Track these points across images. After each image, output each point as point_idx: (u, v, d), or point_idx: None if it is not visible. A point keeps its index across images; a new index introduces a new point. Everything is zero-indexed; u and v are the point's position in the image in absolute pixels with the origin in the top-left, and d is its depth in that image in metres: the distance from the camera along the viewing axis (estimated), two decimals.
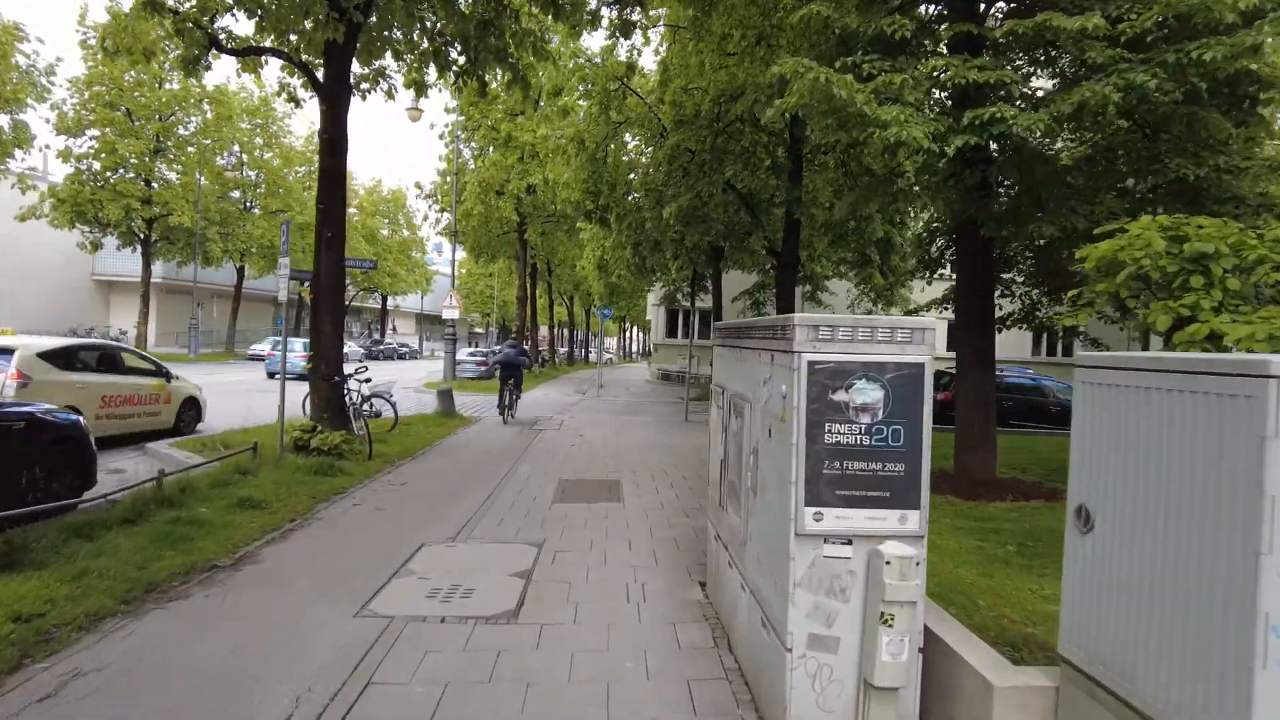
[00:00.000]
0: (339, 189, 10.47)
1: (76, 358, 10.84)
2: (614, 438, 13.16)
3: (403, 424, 13.78)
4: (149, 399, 11.72)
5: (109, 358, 11.54)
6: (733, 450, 4.16)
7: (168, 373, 12.34)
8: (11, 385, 9.60)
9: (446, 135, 28.34)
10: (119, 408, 11.18)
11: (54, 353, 10.42)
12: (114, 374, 11.27)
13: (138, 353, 12.64)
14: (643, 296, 31.69)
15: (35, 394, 9.45)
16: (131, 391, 11.42)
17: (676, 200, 13.90)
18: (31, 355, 10.06)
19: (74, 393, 10.19)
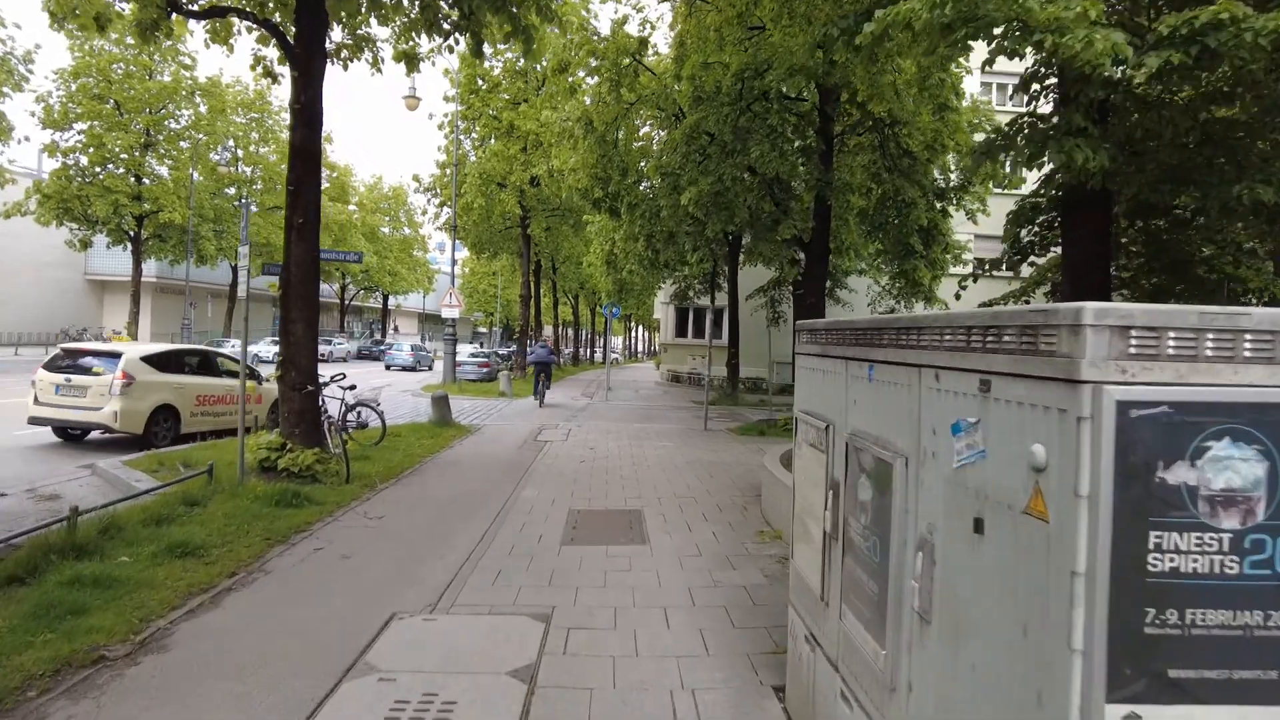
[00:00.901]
0: (312, 168, 9.01)
1: (175, 361, 12.00)
2: (629, 450, 11.68)
3: (392, 435, 12.35)
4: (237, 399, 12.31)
5: (205, 361, 12.64)
6: (857, 528, 2.65)
7: (259, 375, 13.05)
8: (118, 385, 10.77)
9: (446, 126, 26.89)
10: (213, 406, 12.20)
11: (154, 356, 11.68)
12: (209, 376, 12.38)
13: (232, 357, 13.63)
14: (651, 294, 30.26)
15: (138, 393, 10.94)
16: (225, 392, 12.34)
17: (696, 184, 12.42)
18: (135, 358, 11.27)
19: (172, 392, 11.53)
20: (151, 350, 11.94)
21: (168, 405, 11.43)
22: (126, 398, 10.87)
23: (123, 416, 10.91)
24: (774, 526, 6.82)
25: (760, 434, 14.09)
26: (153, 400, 11.15)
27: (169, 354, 12.10)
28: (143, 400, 11.05)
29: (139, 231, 35.33)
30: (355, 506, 7.52)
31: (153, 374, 11.27)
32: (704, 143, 13.40)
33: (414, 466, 10.01)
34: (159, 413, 11.31)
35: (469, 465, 10.18)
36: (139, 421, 11.08)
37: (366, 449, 11.24)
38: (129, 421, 10.98)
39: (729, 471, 9.86)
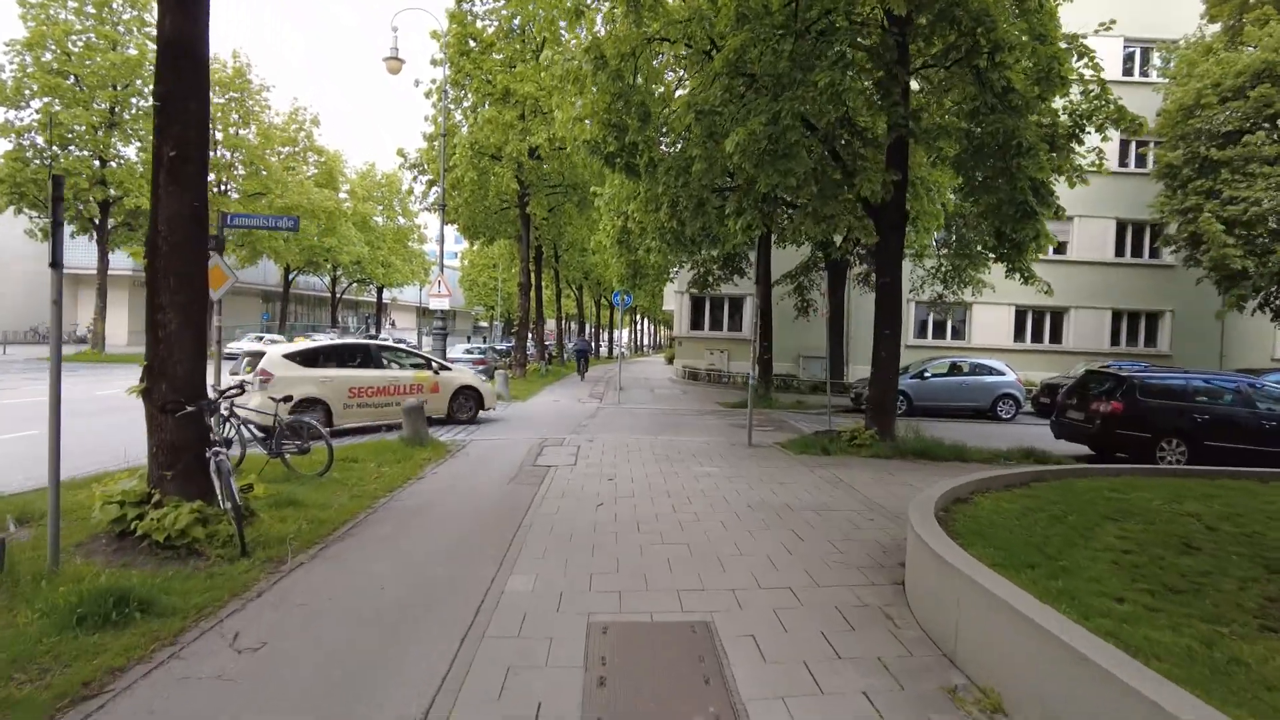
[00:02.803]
0: (192, 73, 5.93)
1: (326, 355, 12.62)
2: (661, 482, 8.62)
3: (345, 462, 9.36)
4: (410, 389, 12.88)
5: (360, 353, 13.21)
6: None
7: (438, 365, 13.84)
8: (258, 381, 11.47)
9: (434, 94, 23.77)
10: (371, 398, 12.54)
11: (299, 353, 12.43)
12: (365, 368, 12.77)
13: (403, 348, 14.38)
14: (664, 281, 27.18)
15: (277, 388, 11.18)
16: (386, 383, 12.72)
17: (745, 125, 9.31)
18: (277, 356, 12.06)
19: (316, 385, 11.99)
20: (296, 347, 12.86)
21: (313, 399, 11.86)
22: (265, 394, 11.17)
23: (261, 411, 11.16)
24: (960, 665, 3.76)
25: (824, 451, 11.02)
26: (294, 395, 11.23)
27: (318, 349, 12.77)
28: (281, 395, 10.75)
29: (104, 219, 32.32)
30: (226, 618, 4.45)
31: (294, 370, 11.90)
32: (743, 86, 10.33)
33: (357, 517, 6.95)
34: (301, 406, 11.50)
35: (436, 515, 7.10)
36: None
37: (305, 483, 8.29)
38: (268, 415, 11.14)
39: (824, 525, 6.77)
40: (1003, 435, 15.31)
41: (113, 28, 31.30)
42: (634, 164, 11.89)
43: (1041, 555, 4.50)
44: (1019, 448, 11.65)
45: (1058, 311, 31.02)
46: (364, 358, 13.00)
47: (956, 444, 11.38)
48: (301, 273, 50.71)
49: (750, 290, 28.82)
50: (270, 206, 38.43)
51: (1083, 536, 4.94)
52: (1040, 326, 31.27)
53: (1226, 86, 22.90)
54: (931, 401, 18.49)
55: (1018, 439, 13.96)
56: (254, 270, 46.75)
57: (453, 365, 14.07)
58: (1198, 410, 11.18)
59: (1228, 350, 30.34)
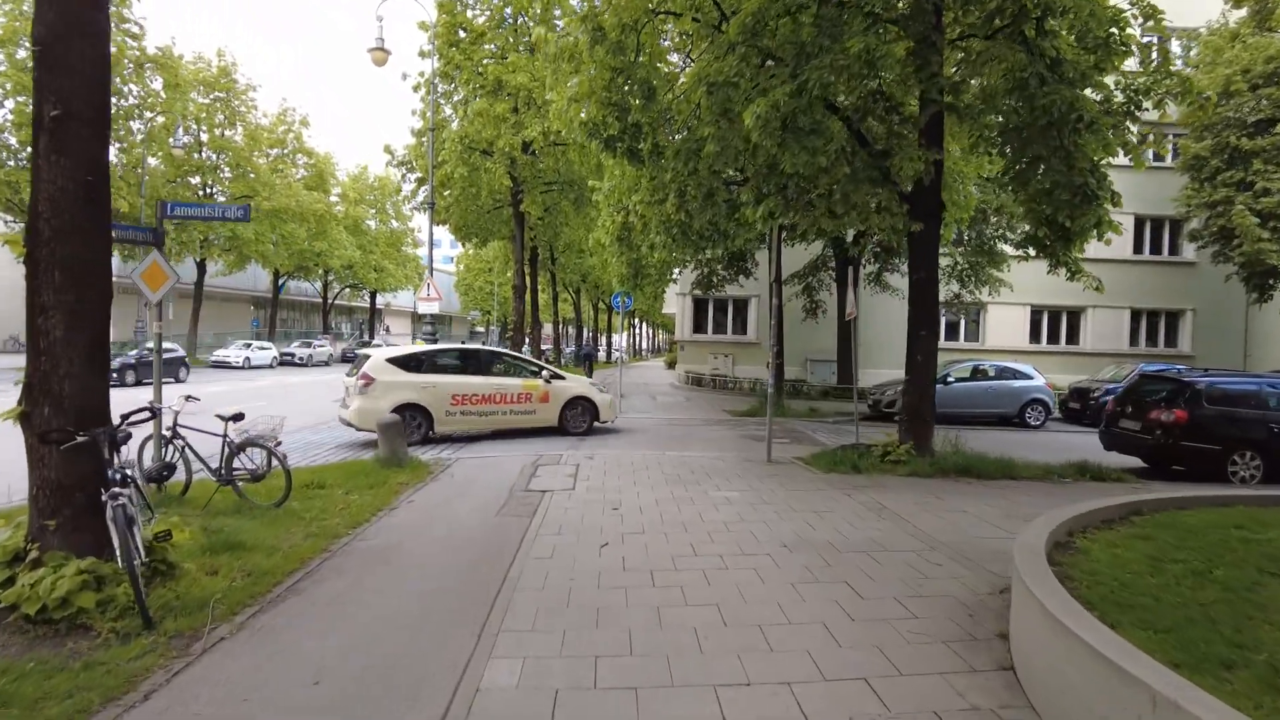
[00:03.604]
0: (87, 6, 4.67)
1: (426, 361, 12.37)
2: (676, 512, 7.32)
3: (308, 488, 8.11)
4: (517, 399, 12.52)
5: (469, 359, 12.96)
6: None
7: (550, 374, 13.25)
8: (359, 385, 11.60)
9: (423, 86, 22.53)
10: (475, 406, 12.21)
11: (401, 358, 12.27)
12: (472, 375, 12.45)
13: (515, 355, 14.21)
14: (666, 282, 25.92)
15: (376, 393, 11.50)
16: (492, 391, 12.35)
17: (768, 95, 8.06)
18: (380, 360, 12.04)
19: (418, 391, 11.79)
20: (399, 351, 12.71)
21: (413, 405, 11.71)
22: (365, 397, 11.45)
23: (360, 415, 11.47)
24: None
25: (855, 469, 9.75)
26: (393, 400, 11.48)
27: (423, 354, 12.65)
28: (381, 400, 11.42)
29: None
30: None
31: (396, 374, 11.77)
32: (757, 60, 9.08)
33: (308, 565, 5.66)
34: (401, 412, 11.34)
35: (404, 562, 5.81)
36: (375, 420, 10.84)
37: (256, 516, 7.04)
38: (365, 420, 11.31)
39: (882, 573, 5.46)
40: (1041, 445, 14.06)
41: None
42: (637, 148, 10.64)
43: (1226, 642, 3.23)
44: (1069, 462, 10.38)
45: (1074, 311, 29.84)
46: (472, 364, 12.77)
47: (1002, 458, 10.11)
48: (292, 278, 49.38)
49: (756, 291, 27.60)
50: (258, 209, 37.16)
51: (1257, 607, 3.67)
52: (1057, 327, 30.08)
53: (1257, 73, 21.73)
54: (955, 408, 17.22)
55: (1061, 450, 12.71)
56: (243, 276, 45.38)
57: (568, 375, 13.56)
58: (1277, 419, 9.92)
59: (1252, 350, 29.15)
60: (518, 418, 12.58)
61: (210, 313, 46.90)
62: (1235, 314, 28.66)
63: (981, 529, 6.80)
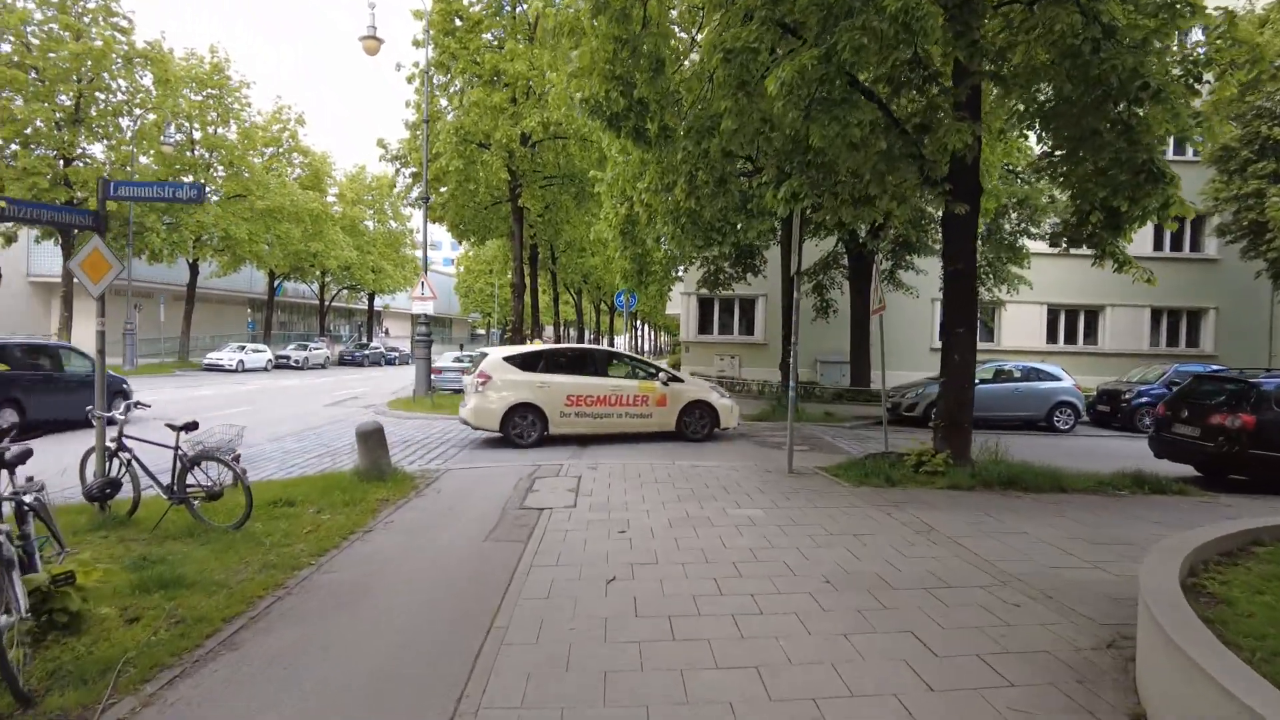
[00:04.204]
0: None
1: (543, 360, 12.28)
2: (692, 536, 6.33)
3: (277, 505, 7.17)
4: (633, 400, 12.18)
5: (586, 359, 12.75)
6: None
7: (667, 376, 12.68)
8: (476, 383, 11.79)
9: (417, 77, 21.60)
10: (590, 407, 11.95)
11: (519, 356, 12.33)
12: (588, 375, 12.18)
13: (632, 356, 13.57)
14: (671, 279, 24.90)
15: (492, 391, 11.61)
16: (607, 392, 12.06)
17: (797, 57, 7.10)
18: (497, 358, 12.17)
19: (533, 390, 11.73)
20: (517, 350, 12.54)
21: (528, 404, 11.66)
22: (480, 396, 11.54)
23: (476, 414, 11.67)
24: None
25: (888, 481, 8.75)
26: (509, 399, 11.51)
27: (540, 353, 12.53)
28: (496, 399, 11.48)
29: None
30: None
31: (512, 373, 11.69)
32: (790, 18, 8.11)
33: (255, 608, 4.69)
34: (517, 411, 11.54)
35: (371, 605, 4.82)
36: (493, 419, 11.56)
37: (210, 541, 6.11)
38: (482, 418, 11.62)
39: (951, 620, 4.47)
40: (1078, 452, 13.08)
41: (77, 18, 29.11)
42: (643, 128, 9.65)
43: None
44: (1120, 472, 9.40)
45: (1092, 310, 28.86)
46: (588, 364, 12.58)
47: (1049, 469, 9.12)
48: (287, 279, 48.45)
49: (763, 290, 26.62)
50: (251, 208, 36.30)
51: None
52: (1074, 326, 29.08)
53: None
54: (979, 412, 15.97)
55: (1102, 457, 11.74)
56: (239, 277, 44.43)
57: (686, 377, 13.10)
58: None
59: (1278, 349, 28.15)
60: (633, 421, 12.20)
61: (206, 315, 45.99)
62: (1260, 312, 27.67)
63: (1051, 556, 5.81)
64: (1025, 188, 18.89)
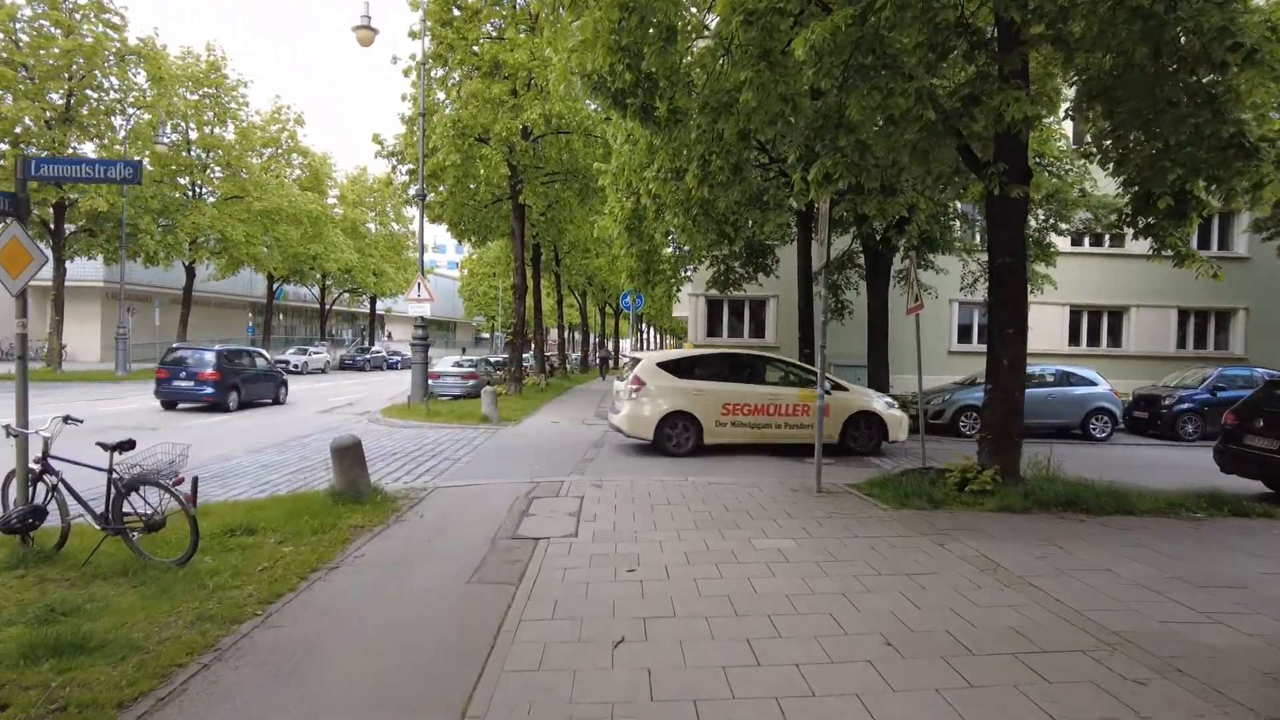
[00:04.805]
0: None
1: (698, 365, 11.82)
2: (716, 581, 5.29)
3: (239, 530, 6.26)
4: (793, 410, 11.51)
5: (743, 365, 12.14)
6: None
7: (830, 383, 11.70)
8: (629, 389, 11.38)
9: (414, 69, 20.66)
10: (747, 416, 11.38)
11: (673, 361, 11.79)
12: (745, 382, 11.67)
13: (792, 362, 12.68)
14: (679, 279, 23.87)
15: (645, 398, 11.26)
16: (766, 401, 11.44)
17: (827, 19, 6.10)
18: (651, 364, 11.62)
19: (688, 397, 11.30)
20: (671, 355, 12.03)
21: (682, 412, 11.27)
22: (634, 402, 11.22)
23: (629, 421, 11.29)
24: None
25: (931, 502, 7.74)
26: (663, 406, 11.15)
27: (696, 358, 12.08)
28: (650, 406, 11.14)
29: (59, 223, 29.29)
30: None
31: (667, 379, 11.31)
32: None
33: (170, 681, 3.68)
34: (671, 419, 11.20)
35: (315, 680, 3.81)
36: (646, 427, 11.19)
37: (146, 581, 5.20)
38: (635, 426, 11.25)
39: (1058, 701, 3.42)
40: (1125, 463, 12.03)
41: (67, 14, 28.28)
42: (652, 106, 8.66)
43: None
44: (1190, 490, 8.36)
45: (1116, 311, 27.75)
46: (745, 370, 12.00)
47: (1110, 487, 8.09)
48: (287, 282, 47.62)
49: (775, 291, 25.58)
50: (249, 209, 35.49)
51: None
52: (1097, 328, 27.95)
53: None
54: None
55: (1156, 470, 10.73)
56: (239, 280, 43.60)
57: (851, 386, 12.47)
58: None
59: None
60: (792, 431, 11.53)
61: (205, 319, 45.19)
62: None
63: (1152, 604, 4.79)
64: (1054, 181, 17.83)
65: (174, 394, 17.83)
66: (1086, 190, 18.20)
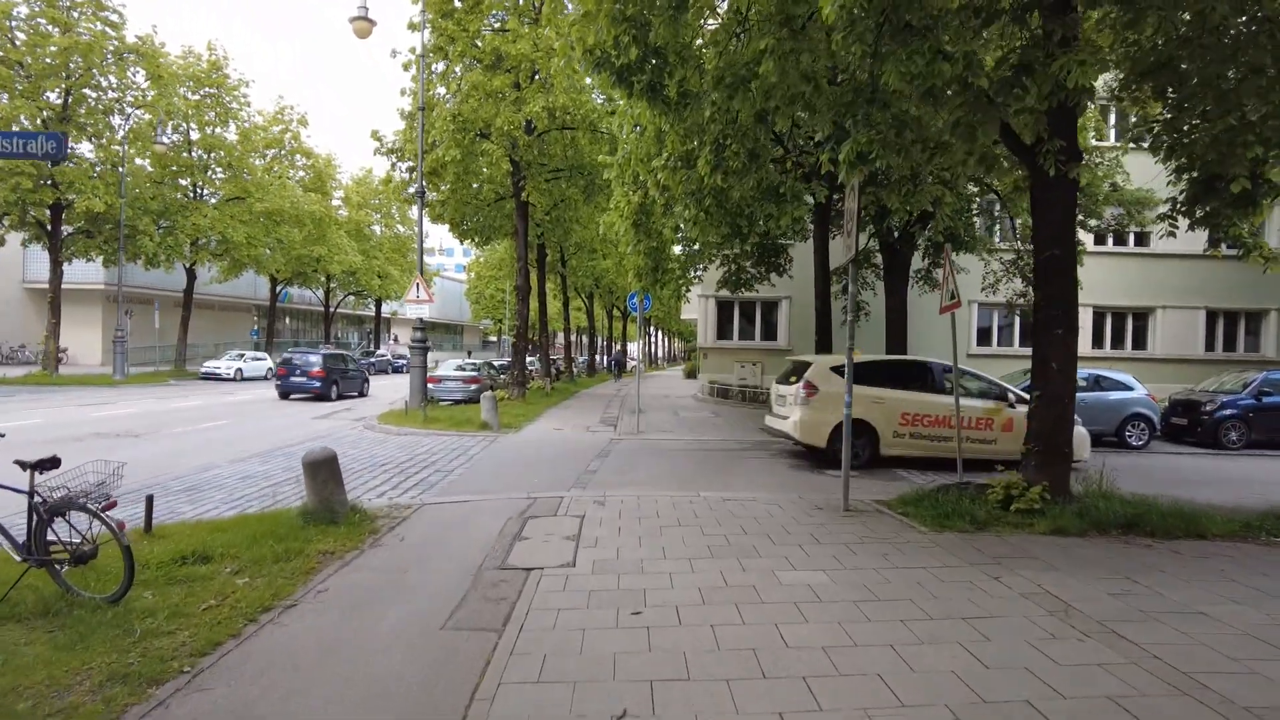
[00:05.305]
0: None
1: (874, 371, 10.99)
2: (738, 629, 4.45)
3: (192, 557, 5.49)
4: (976, 423, 10.77)
5: (921, 373, 11.38)
6: None
7: (1015, 397, 11.01)
8: (800, 395, 10.76)
9: (413, 64, 19.93)
10: (926, 428, 10.81)
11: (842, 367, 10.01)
12: (924, 390, 11.03)
13: (975, 373, 11.79)
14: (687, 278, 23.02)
15: (819, 405, 10.65)
16: (947, 411, 10.66)
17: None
18: (823, 368, 11.01)
19: (865, 406, 10.46)
20: (841, 360, 10.97)
21: (858, 420, 10.35)
22: (807, 408, 10.73)
23: (801, 428, 10.76)
24: None
25: (975, 524, 6.87)
26: (837, 413, 10.15)
27: (871, 364, 11.29)
28: (824, 413, 10.66)
29: (55, 225, 28.70)
30: None
31: (840, 384, 10.32)
32: None
33: None
34: None
35: None
36: (820, 435, 10.70)
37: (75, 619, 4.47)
38: (808, 434, 10.78)
39: None
40: (1171, 474, 11.12)
41: (64, 11, 27.71)
42: (660, 84, 7.83)
43: None
44: (1268, 509, 7.47)
45: (1141, 313, 26.77)
46: (924, 378, 11.32)
47: (1176, 506, 7.21)
48: (290, 284, 47.04)
49: (787, 292, 24.73)
50: (250, 210, 34.88)
51: None
52: (1121, 330, 26.97)
53: None
54: None
55: (1208, 483, 9.83)
56: (242, 283, 43.04)
57: None
58: None
59: None
60: (974, 446, 10.65)
61: (208, 322, 44.66)
62: None
63: (1273, 662, 3.92)
64: (1087, 172, 16.94)
65: (290, 387, 22.95)
66: (1118, 184, 17.28)
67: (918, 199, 11.55)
